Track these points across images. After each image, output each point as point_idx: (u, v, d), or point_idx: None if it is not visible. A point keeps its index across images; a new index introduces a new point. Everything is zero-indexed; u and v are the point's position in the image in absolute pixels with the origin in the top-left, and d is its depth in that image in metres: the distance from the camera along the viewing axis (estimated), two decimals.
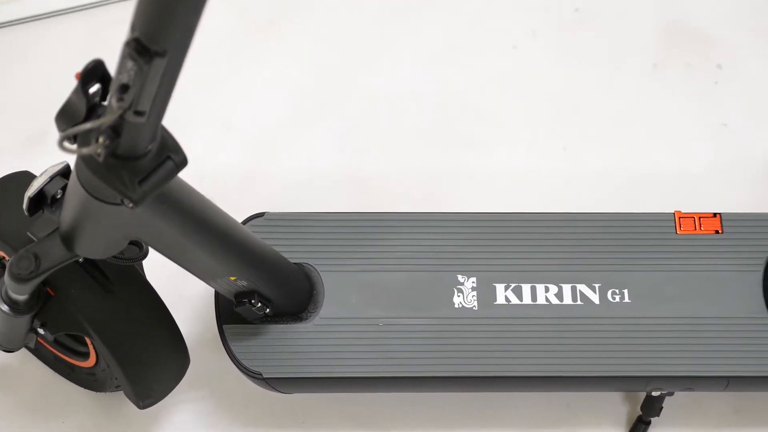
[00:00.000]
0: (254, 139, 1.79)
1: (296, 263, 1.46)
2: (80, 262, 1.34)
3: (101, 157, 1.03)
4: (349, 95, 1.82)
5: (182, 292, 1.60)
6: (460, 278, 1.47)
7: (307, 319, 1.45)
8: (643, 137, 1.79)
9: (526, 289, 1.47)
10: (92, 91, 1.01)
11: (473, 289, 1.46)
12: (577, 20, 1.87)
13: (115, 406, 1.60)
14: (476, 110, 1.81)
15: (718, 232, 1.50)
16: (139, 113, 0.98)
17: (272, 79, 1.83)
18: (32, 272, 1.25)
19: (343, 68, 1.84)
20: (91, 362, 1.52)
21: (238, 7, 1.87)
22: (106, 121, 0.99)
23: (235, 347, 1.44)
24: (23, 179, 1.36)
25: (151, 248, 1.27)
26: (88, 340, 1.46)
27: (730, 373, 1.43)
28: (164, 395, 1.46)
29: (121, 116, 0.98)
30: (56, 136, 1.02)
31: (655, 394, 1.49)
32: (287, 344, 1.44)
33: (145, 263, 1.41)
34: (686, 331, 1.45)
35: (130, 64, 0.93)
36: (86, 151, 1.02)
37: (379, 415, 1.60)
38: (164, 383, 1.45)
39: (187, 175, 1.14)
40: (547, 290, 1.47)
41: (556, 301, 1.46)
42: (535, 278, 1.47)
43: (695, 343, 1.44)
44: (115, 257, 1.28)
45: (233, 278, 1.32)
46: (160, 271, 1.45)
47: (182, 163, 1.08)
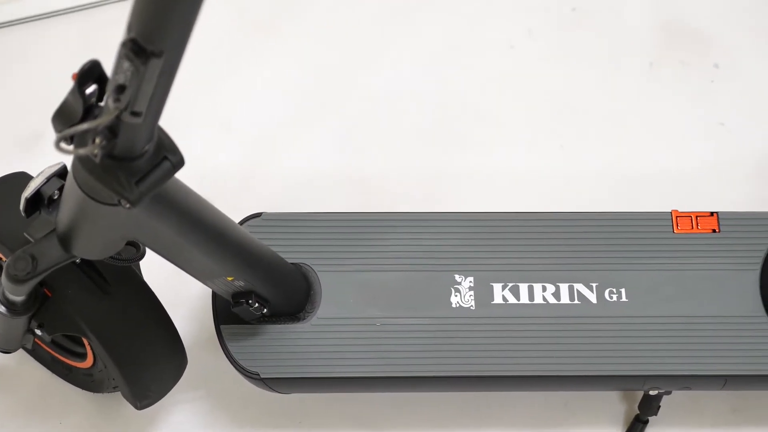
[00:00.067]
0: (252, 139, 1.78)
1: (293, 263, 1.46)
2: (77, 262, 1.34)
3: (98, 157, 1.03)
4: (346, 95, 1.82)
5: (179, 292, 1.60)
6: (457, 278, 1.47)
7: (304, 319, 1.45)
8: (640, 136, 1.79)
9: (523, 288, 1.47)
10: (89, 91, 1.01)
11: (470, 288, 1.46)
12: (573, 20, 1.87)
13: (112, 406, 1.60)
14: (473, 110, 1.81)
15: (715, 231, 1.50)
16: (135, 114, 0.98)
17: (270, 79, 1.83)
18: (29, 273, 1.25)
19: (340, 68, 1.84)
20: (88, 363, 1.52)
21: (237, 6, 1.87)
22: (102, 121, 0.99)
23: (232, 347, 1.44)
24: (20, 180, 1.36)
25: (148, 249, 1.27)
26: (85, 340, 1.46)
27: (727, 371, 1.43)
28: (162, 396, 1.46)
29: (117, 117, 0.98)
30: (53, 136, 1.02)
31: (652, 393, 1.49)
32: (285, 344, 1.44)
33: (142, 264, 1.41)
34: (683, 330, 1.45)
35: (126, 64, 0.93)
36: (83, 151, 1.02)
37: (376, 415, 1.60)
38: (162, 384, 1.45)
39: (184, 175, 1.14)
40: (544, 290, 1.47)
41: (553, 300, 1.46)
42: (532, 278, 1.47)
43: (693, 342, 1.44)
44: (112, 258, 1.28)
45: (230, 278, 1.32)
46: (157, 271, 1.45)
47: (179, 163, 1.08)
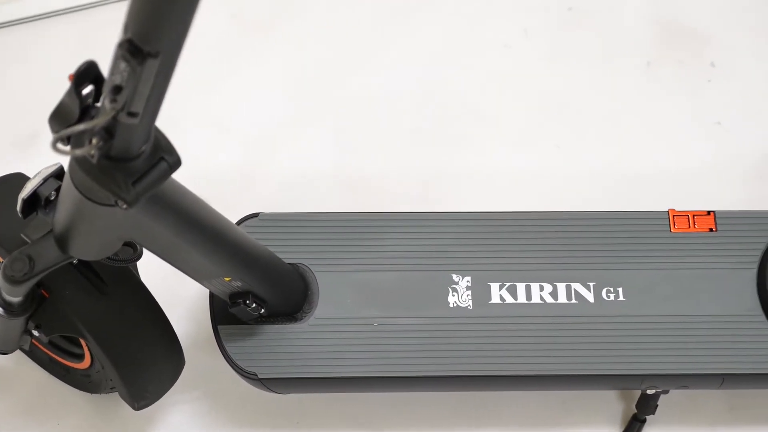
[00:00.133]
0: (249, 139, 1.78)
1: (291, 263, 1.46)
2: (74, 263, 1.33)
3: (95, 158, 1.03)
4: (343, 95, 1.82)
5: (177, 293, 1.60)
6: (454, 277, 1.47)
7: (302, 319, 1.45)
8: (637, 135, 1.80)
9: (520, 288, 1.47)
10: (85, 92, 1.01)
11: (468, 288, 1.46)
12: (570, 19, 1.88)
13: (110, 407, 1.60)
14: (470, 110, 1.81)
15: (712, 230, 1.50)
16: (132, 114, 0.98)
17: (267, 79, 1.83)
18: (26, 274, 1.25)
19: (337, 68, 1.84)
20: (85, 364, 1.52)
21: (233, 6, 1.87)
22: (99, 122, 0.99)
23: (230, 348, 1.44)
24: (17, 181, 1.36)
25: (145, 249, 1.27)
26: (82, 341, 1.46)
27: (725, 370, 1.43)
28: (159, 396, 1.46)
29: (114, 117, 0.98)
30: (49, 137, 1.02)
31: (650, 392, 1.50)
32: (282, 345, 1.44)
33: (139, 264, 1.41)
34: (681, 329, 1.45)
35: (123, 65, 0.93)
36: (79, 152, 1.02)
37: (374, 415, 1.60)
38: (159, 384, 1.45)
39: (181, 175, 1.14)
40: (541, 289, 1.47)
41: (550, 299, 1.46)
42: (529, 277, 1.47)
43: (690, 341, 1.44)
44: (109, 258, 1.28)
45: (228, 279, 1.32)
46: (154, 272, 1.45)
47: (176, 164, 1.08)
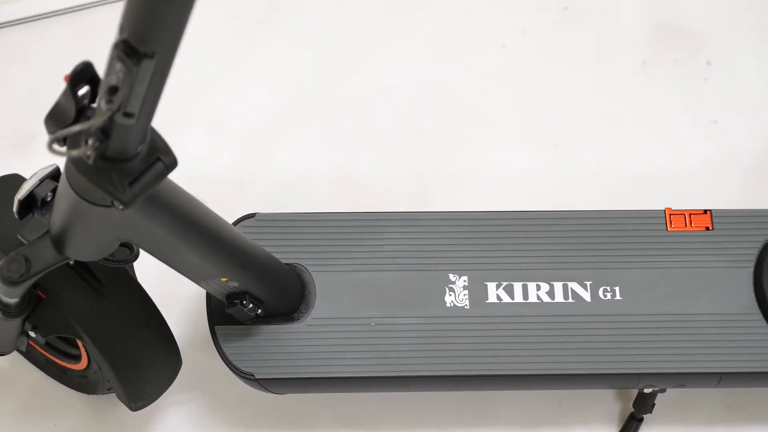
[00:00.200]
0: (246, 139, 1.78)
1: (288, 263, 1.46)
2: (71, 264, 1.33)
3: (91, 159, 1.03)
4: (339, 95, 1.82)
5: (174, 293, 1.60)
6: (451, 277, 1.47)
7: (298, 319, 1.45)
8: (633, 135, 1.80)
9: (517, 287, 1.47)
10: (81, 93, 1.01)
11: (465, 288, 1.46)
12: (566, 18, 1.88)
13: (107, 408, 1.60)
14: (466, 109, 1.81)
15: (708, 228, 1.50)
16: (128, 115, 0.98)
17: (263, 79, 1.83)
18: (23, 275, 1.25)
19: (332, 68, 1.84)
20: (82, 365, 1.51)
21: (228, 8, 1.87)
22: (95, 123, 0.99)
23: (227, 348, 1.44)
24: (13, 182, 1.36)
25: (142, 250, 1.27)
26: (79, 342, 1.46)
27: (721, 369, 1.44)
28: (156, 397, 1.46)
29: (110, 118, 0.98)
30: (45, 138, 1.02)
31: (647, 391, 1.50)
32: (279, 345, 1.44)
33: (136, 265, 1.41)
34: (678, 327, 1.45)
35: (118, 65, 0.93)
36: (76, 153, 1.02)
37: (372, 415, 1.60)
38: (156, 385, 1.45)
39: (177, 176, 1.14)
40: (538, 288, 1.47)
41: (547, 299, 1.46)
42: (526, 276, 1.47)
43: (687, 339, 1.44)
44: (105, 259, 1.28)
45: (224, 279, 1.32)
46: (151, 272, 1.45)
47: (172, 164, 1.08)
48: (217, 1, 1.87)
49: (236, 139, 1.78)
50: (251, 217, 1.49)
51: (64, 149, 1.03)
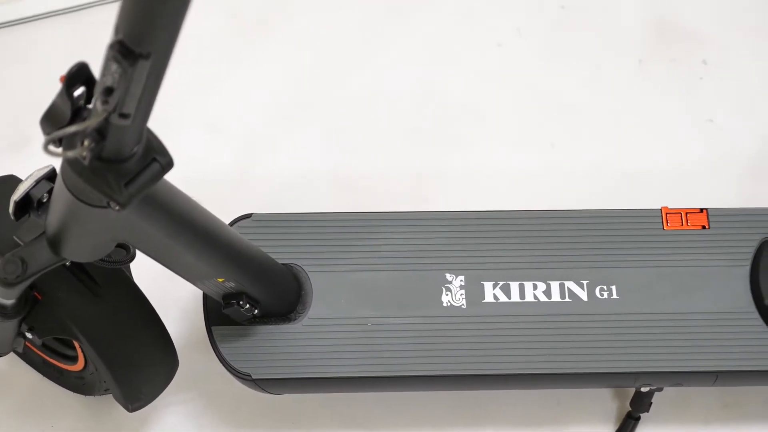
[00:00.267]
0: (242, 140, 1.78)
1: (284, 264, 1.46)
2: (67, 265, 1.33)
3: (87, 160, 1.03)
4: (335, 96, 1.82)
5: (170, 294, 1.60)
6: (448, 277, 1.47)
7: (295, 319, 1.45)
8: (629, 133, 1.80)
9: (514, 286, 1.47)
10: (77, 94, 1.01)
11: (461, 287, 1.46)
12: (562, 17, 1.88)
13: (104, 409, 1.60)
14: (462, 109, 1.81)
15: (705, 227, 1.50)
16: (124, 116, 0.98)
17: (259, 79, 1.83)
18: (19, 276, 1.25)
19: (329, 69, 1.84)
20: (79, 366, 1.51)
21: (225, 8, 1.87)
22: (91, 123, 0.99)
23: (223, 349, 1.44)
24: (9, 183, 1.35)
25: (138, 251, 1.27)
26: (76, 343, 1.46)
27: (718, 367, 1.44)
28: (153, 398, 1.46)
29: (106, 119, 0.98)
30: (41, 139, 1.02)
31: (644, 389, 1.50)
32: (276, 345, 1.44)
33: (132, 265, 1.41)
34: (674, 326, 1.45)
35: (114, 66, 0.93)
36: (71, 154, 1.02)
37: (369, 415, 1.60)
38: (153, 386, 1.45)
39: (174, 176, 1.14)
40: (535, 288, 1.47)
41: (544, 298, 1.46)
42: (523, 276, 1.47)
43: (683, 338, 1.44)
44: (102, 260, 1.27)
45: (221, 280, 1.32)
46: (147, 273, 1.44)
47: (168, 165, 1.08)
48: (216, 0, 1.87)
49: (233, 139, 1.78)
50: (248, 217, 1.49)
51: (59, 150, 1.03)
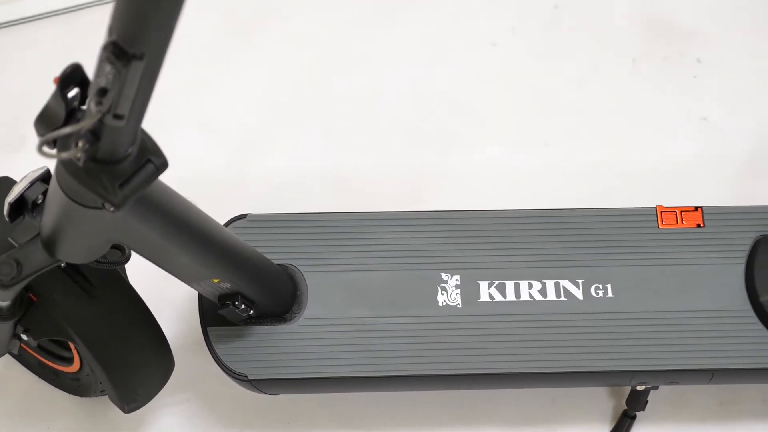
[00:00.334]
0: (236, 140, 1.78)
1: (280, 264, 1.46)
2: (62, 267, 1.33)
3: (81, 161, 1.03)
4: (330, 95, 1.81)
5: (165, 295, 1.60)
6: (443, 276, 1.47)
7: (291, 320, 1.45)
8: (623, 132, 1.80)
9: (509, 286, 1.47)
10: (71, 95, 1.01)
11: (457, 287, 1.47)
12: (556, 17, 1.88)
13: (100, 410, 1.60)
14: (457, 108, 1.81)
15: (699, 225, 1.50)
16: (118, 117, 0.98)
17: (254, 80, 1.82)
18: (14, 278, 1.24)
19: (323, 69, 1.84)
20: (75, 367, 1.51)
21: (220, 9, 1.87)
22: (85, 125, 0.99)
23: (219, 349, 1.44)
24: (4, 185, 1.35)
25: (133, 252, 1.27)
26: (71, 345, 1.46)
27: (714, 365, 1.44)
28: (149, 399, 1.46)
29: (100, 120, 0.98)
30: (35, 141, 1.02)
31: (640, 388, 1.50)
32: (272, 345, 1.44)
33: (127, 266, 1.41)
34: (670, 324, 1.45)
35: (108, 67, 0.93)
36: (66, 155, 1.02)
37: (365, 414, 1.60)
38: (149, 387, 1.45)
39: (168, 177, 1.14)
40: (530, 287, 1.47)
41: (539, 297, 1.47)
42: (518, 275, 1.47)
43: (679, 336, 1.45)
44: (97, 261, 1.27)
45: (216, 280, 1.32)
46: (142, 274, 1.44)
47: (163, 166, 1.08)
48: (209, 1, 1.87)
49: (228, 139, 1.78)
50: (243, 218, 1.49)
51: (54, 151, 1.03)
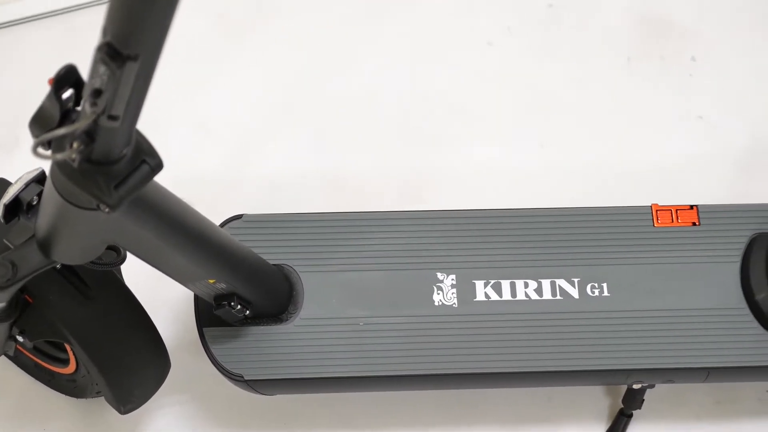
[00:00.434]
0: (232, 140, 1.78)
1: (275, 264, 1.46)
2: (58, 268, 1.33)
3: (76, 162, 1.03)
4: (325, 95, 1.81)
5: (161, 295, 1.60)
6: (439, 276, 1.47)
7: (287, 320, 1.45)
8: (619, 131, 1.80)
9: (505, 285, 1.47)
10: (65, 96, 1.01)
11: (453, 286, 1.47)
12: (551, 16, 1.88)
13: (96, 412, 1.60)
14: (453, 108, 1.81)
15: (695, 224, 1.50)
16: (112, 117, 0.98)
17: (249, 80, 1.82)
18: (9, 280, 1.24)
19: (318, 69, 1.83)
20: (71, 369, 1.51)
21: (214, 10, 1.87)
22: (79, 126, 0.98)
23: (215, 350, 1.44)
24: None
25: (129, 253, 1.27)
26: (67, 346, 1.46)
27: (710, 364, 1.44)
28: (145, 400, 1.46)
29: (95, 121, 0.98)
30: (30, 142, 1.02)
31: (636, 386, 1.50)
32: (268, 346, 1.43)
33: (123, 267, 1.41)
34: (666, 323, 1.45)
35: (102, 68, 0.93)
36: (61, 156, 1.02)
37: (362, 414, 1.60)
38: (145, 388, 1.45)
39: (163, 178, 1.13)
40: (526, 286, 1.47)
41: (535, 296, 1.47)
42: (514, 274, 1.47)
43: (675, 335, 1.45)
44: (92, 263, 1.27)
45: (212, 281, 1.32)
46: (138, 275, 1.44)
47: (158, 166, 1.08)
48: (204, 1, 1.87)
49: (223, 140, 1.78)
50: (238, 218, 1.49)
51: (49, 153, 1.03)
